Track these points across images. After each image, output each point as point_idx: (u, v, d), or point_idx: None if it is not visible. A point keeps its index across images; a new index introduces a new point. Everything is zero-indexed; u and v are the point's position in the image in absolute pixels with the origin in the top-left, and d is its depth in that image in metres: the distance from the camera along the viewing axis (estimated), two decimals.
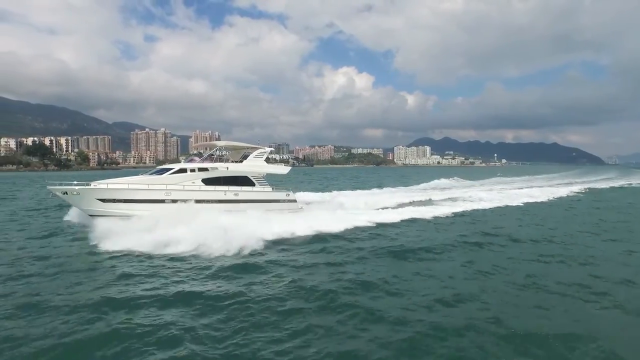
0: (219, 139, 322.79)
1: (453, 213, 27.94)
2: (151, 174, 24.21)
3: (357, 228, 21.80)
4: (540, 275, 13.50)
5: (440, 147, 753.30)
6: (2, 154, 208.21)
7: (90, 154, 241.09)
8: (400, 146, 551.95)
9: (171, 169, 23.83)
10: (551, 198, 40.00)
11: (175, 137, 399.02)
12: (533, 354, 8.20)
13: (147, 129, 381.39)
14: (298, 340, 8.81)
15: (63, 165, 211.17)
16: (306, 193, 42.58)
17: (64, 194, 21.56)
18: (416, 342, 8.69)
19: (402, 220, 24.69)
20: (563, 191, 46.96)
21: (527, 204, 34.57)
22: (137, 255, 16.08)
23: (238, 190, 24.22)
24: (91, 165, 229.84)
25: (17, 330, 9.41)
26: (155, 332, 9.25)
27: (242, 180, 24.71)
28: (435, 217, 26.02)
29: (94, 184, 22.13)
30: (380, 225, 22.81)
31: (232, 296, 11.48)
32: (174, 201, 22.24)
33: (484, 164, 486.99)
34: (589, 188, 53.47)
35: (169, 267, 14.64)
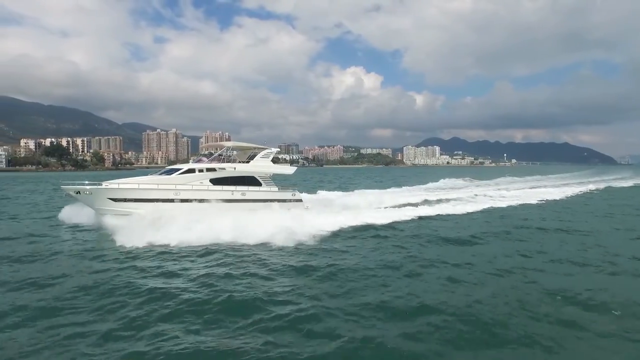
0: (229, 139, 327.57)
1: (482, 209, 31.36)
2: (160, 174, 24.97)
3: (400, 221, 25.19)
4: (565, 252, 17.09)
5: (449, 147, 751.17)
6: (22, 155, 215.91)
7: (105, 154, 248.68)
8: (410, 146, 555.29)
9: (180, 169, 24.64)
10: (567, 195, 43.16)
11: (185, 138, 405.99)
12: (566, 299, 11.68)
13: (158, 130, 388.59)
14: (399, 291, 12.40)
15: (80, 165, 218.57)
16: (332, 192, 45.63)
17: (77, 193, 22.47)
18: (486, 292, 12.26)
19: (436, 215, 28.07)
20: (577, 189, 50.12)
21: (544, 201, 37.73)
22: (222, 245, 18.22)
23: (245, 190, 24.99)
24: (106, 165, 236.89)
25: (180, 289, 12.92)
26: (292, 291, 12.50)
27: (249, 181, 25.41)
28: (468, 213, 29.37)
29: (106, 184, 22.91)
30: (420, 218, 26.28)
31: (329, 266, 15.05)
32: (183, 201, 23.04)
33: (493, 164, 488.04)
34: (603, 187, 56.40)
35: (260, 252, 17.32)
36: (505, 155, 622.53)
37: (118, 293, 12.33)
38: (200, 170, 24.32)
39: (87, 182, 22.98)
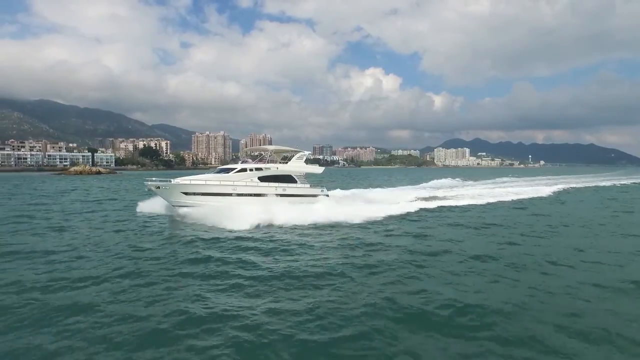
0: (271, 140, 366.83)
1: (552, 192, 42.66)
2: (216, 172, 28.55)
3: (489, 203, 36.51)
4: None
5: (472, 148, 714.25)
6: (122, 157, 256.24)
7: (186, 155, 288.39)
8: (440, 148, 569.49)
9: (234, 168, 28.15)
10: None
11: (229, 140, 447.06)
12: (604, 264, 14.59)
13: (207, 132, 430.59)
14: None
15: (168, 165, 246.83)
16: (412, 187, 56.04)
17: (157, 188, 25.88)
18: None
19: (511, 200, 38.62)
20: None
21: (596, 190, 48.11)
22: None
23: (285, 186, 28.76)
24: (187, 165, 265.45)
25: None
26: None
27: (287, 178, 29.26)
28: (539, 196, 41.20)
29: (175, 181, 26.05)
30: (517, 201, 37.84)
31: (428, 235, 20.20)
32: (239, 195, 26.47)
33: (522, 165, 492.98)
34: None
35: (373, 225, 23.00)
36: (530, 156, 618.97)
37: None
38: (251, 170, 27.99)
39: (154, 178, 26.40)
